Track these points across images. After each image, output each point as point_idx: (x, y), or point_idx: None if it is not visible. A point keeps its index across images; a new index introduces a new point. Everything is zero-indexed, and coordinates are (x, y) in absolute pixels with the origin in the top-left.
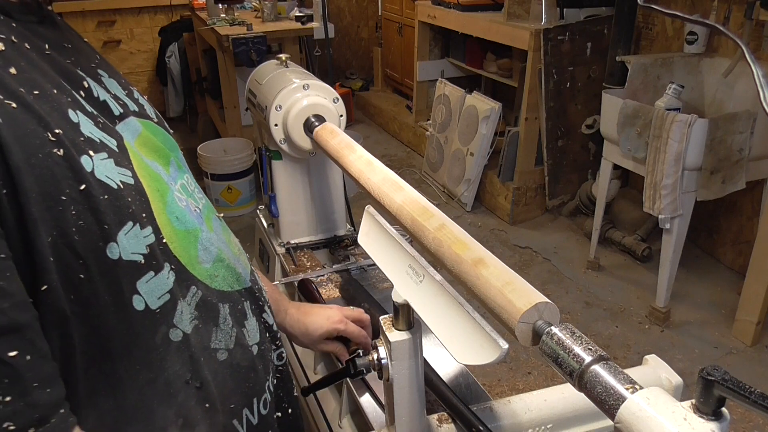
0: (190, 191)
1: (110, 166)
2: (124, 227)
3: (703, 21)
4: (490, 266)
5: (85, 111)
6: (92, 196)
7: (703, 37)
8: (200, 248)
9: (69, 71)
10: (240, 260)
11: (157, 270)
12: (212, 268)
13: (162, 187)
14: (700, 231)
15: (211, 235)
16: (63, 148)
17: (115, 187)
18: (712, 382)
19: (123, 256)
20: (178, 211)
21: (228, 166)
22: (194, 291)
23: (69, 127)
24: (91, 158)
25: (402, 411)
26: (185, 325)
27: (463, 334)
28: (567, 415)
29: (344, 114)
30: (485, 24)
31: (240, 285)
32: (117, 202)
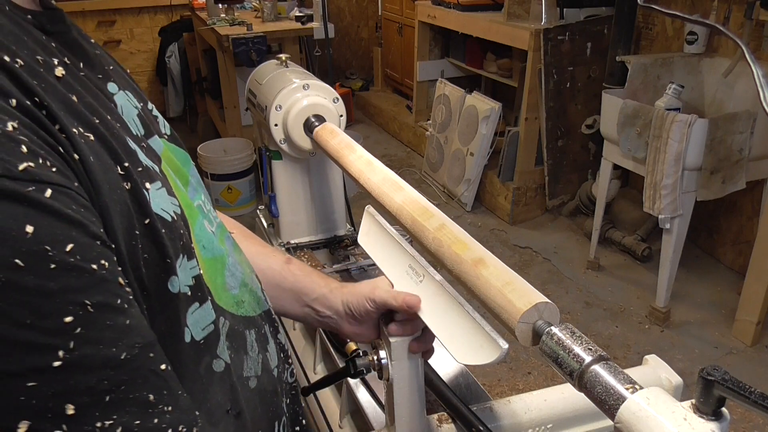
0: (206, 212)
1: (164, 197)
2: (179, 260)
3: (703, 21)
4: (490, 266)
5: (132, 135)
6: (155, 230)
7: (703, 37)
8: (227, 274)
9: (103, 90)
10: (254, 280)
11: (202, 301)
12: (239, 294)
13: (192, 212)
14: (700, 231)
15: (233, 259)
16: (131, 182)
17: (170, 220)
18: (712, 382)
19: (181, 289)
20: (205, 239)
21: (228, 166)
22: (223, 321)
23: (130, 157)
24: (148, 191)
25: (402, 411)
26: (226, 356)
27: (463, 334)
28: (567, 415)
29: (344, 114)
30: (485, 24)
31: (261, 308)
32: (172, 234)
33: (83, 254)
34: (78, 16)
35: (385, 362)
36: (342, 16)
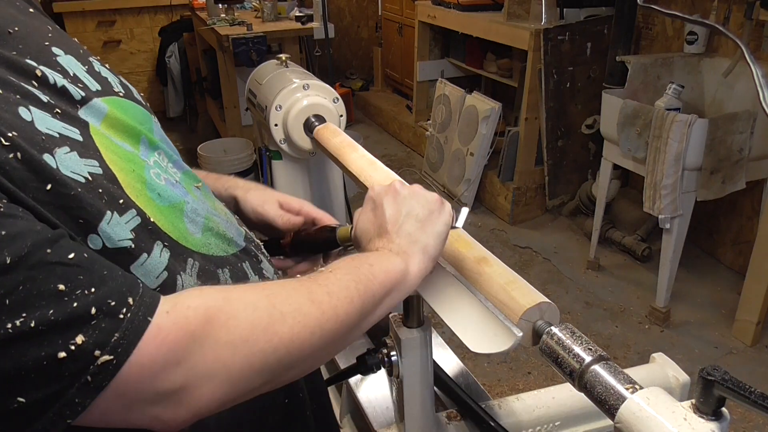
0: (163, 167)
1: (75, 159)
2: (104, 218)
3: (703, 21)
4: (493, 265)
5: (40, 104)
6: (61, 195)
7: (703, 37)
8: (186, 221)
9: (15, 63)
10: (230, 223)
11: (149, 251)
12: (203, 238)
13: (137, 167)
14: (700, 231)
15: (196, 205)
16: (20, 151)
17: (83, 181)
18: (712, 382)
19: (108, 245)
20: (159, 188)
21: (228, 166)
22: (191, 262)
23: (23, 126)
24: (53, 155)
25: (412, 408)
26: None
27: (476, 323)
28: (575, 413)
29: (344, 114)
30: (485, 24)
31: (234, 248)
32: (88, 194)
33: None
34: (78, 16)
35: (395, 360)
36: (342, 16)
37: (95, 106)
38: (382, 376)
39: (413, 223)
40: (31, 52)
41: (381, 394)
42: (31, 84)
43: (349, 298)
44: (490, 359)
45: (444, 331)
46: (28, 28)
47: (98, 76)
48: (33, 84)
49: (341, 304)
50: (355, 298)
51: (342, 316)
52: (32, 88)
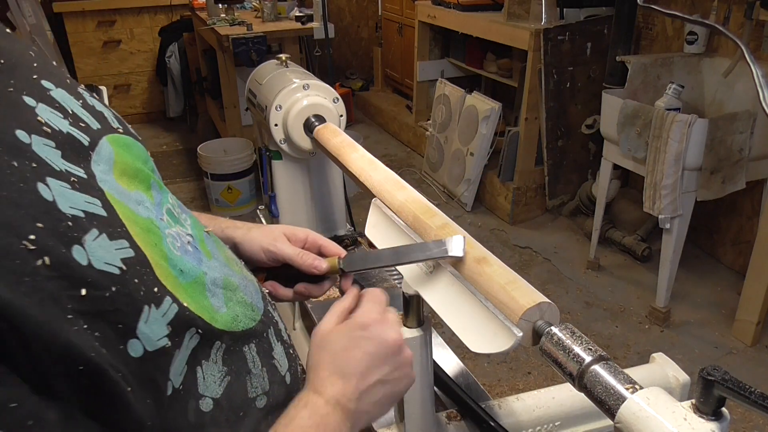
0: (176, 216)
1: (106, 245)
2: (141, 316)
3: (703, 21)
4: (493, 265)
5: (54, 173)
6: (96, 300)
7: (703, 37)
8: (209, 295)
9: (16, 105)
10: (245, 277)
11: (180, 346)
12: (229, 312)
13: (157, 239)
14: (700, 231)
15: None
16: (48, 255)
17: (118, 273)
18: (712, 382)
19: (149, 348)
20: (179, 263)
21: (228, 166)
22: (218, 345)
23: (45, 213)
24: (83, 246)
25: (412, 408)
26: (213, 390)
27: (476, 323)
28: (575, 413)
29: (344, 114)
30: (485, 24)
31: (257, 314)
32: (125, 289)
33: None
34: (78, 16)
35: None
36: (342, 16)
37: (103, 151)
38: None
39: (381, 395)
40: (25, 86)
41: None
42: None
43: None
44: (490, 359)
45: (444, 331)
46: (14, 57)
47: (94, 111)
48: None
49: None
50: None
51: None
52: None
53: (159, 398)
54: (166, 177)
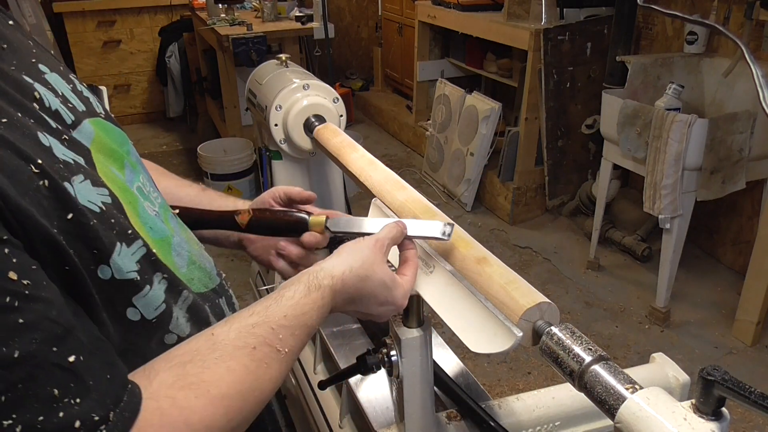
0: (146, 193)
1: (89, 188)
2: (115, 249)
3: (703, 21)
4: (493, 265)
5: (50, 130)
6: (80, 224)
7: (703, 37)
8: (174, 254)
9: (18, 82)
10: (203, 255)
11: (151, 283)
12: (188, 272)
13: (132, 198)
14: (700, 231)
15: (179, 238)
16: (47, 179)
17: (98, 211)
18: (712, 382)
19: (117, 276)
20: (150, 220)
21: (228, 166)
22: (186, 295)
23: (44, 153)
24: (72, 184)
25: (412, 408)
26: (181, 330)
27: (476, 323)
28: (575, 413)
29: (344, 114)
30: (485, 24)
31: (213, 283)
32: (103, 225)
33: None
34: (78, 16)
35: (395, 360)
36: (342, 16)
37: (84, 129)
38: (382, 376)
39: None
40: (25, 68)
41: (381, 394)
42: (34, 106)
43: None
44: (490, 359)
45: (444, 331)
46: (15, 43)
47: (81, 96)
48: (35, 107)
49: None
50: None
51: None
52: (38, 111)
53: (119, 320)
54: None
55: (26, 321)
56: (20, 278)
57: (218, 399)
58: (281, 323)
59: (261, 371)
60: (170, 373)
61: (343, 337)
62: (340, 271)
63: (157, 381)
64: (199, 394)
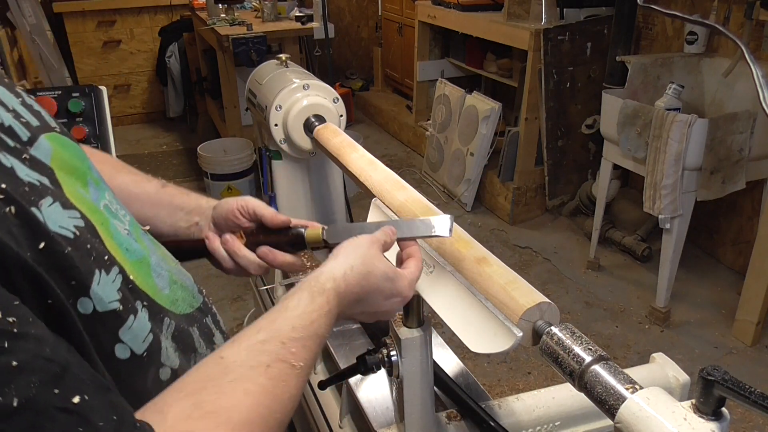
0: (114, 211)
1: (59, 212)
2: (93, 278)
3: (703, 21)
4: (493, 265)
5: (8, 149)
6: (54, 254)
7: (703, 37)
8: (154, 275)
9: None
10: (182, 272)
11: (135, 312)
12: (171, 293)
13: (102, 218)
14: (700, 231)
15: (156, 257)
16: (14, 205)
17: (72, 237)
18: (712, 382)
19: (99, 308)
20: (125, 242)
21: (228, 166)
22: (167, 322)
23: (7, 176)
24: (39, 209)
25: (412, 408)
26: (173, 361)
27: (476, 323)
28: (575, 413)
29: (344, 114)
30: (485, 24)
31: (196, 301)
32: (78, 252)
33: None
34: (78, 16)
35: (395, 360)
36: (342, 16)
37: (42, 145)
38: (382, 376)
39: (367, 310)
40: None
41: (381, 394)
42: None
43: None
44: (490, 359)
45: (444, 331)
46: None
47: (32, 110)
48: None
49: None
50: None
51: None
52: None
53: (109, 360)
54: (166, 177)
55: (20, 363)
56: (4, 315)
57: (240, 425)
58: (291, 336)
59: (279, 390)
60: (185, 404)
61: (343, 337)
62: (341, 272)
63: (172, 414)
64: (220, 422)
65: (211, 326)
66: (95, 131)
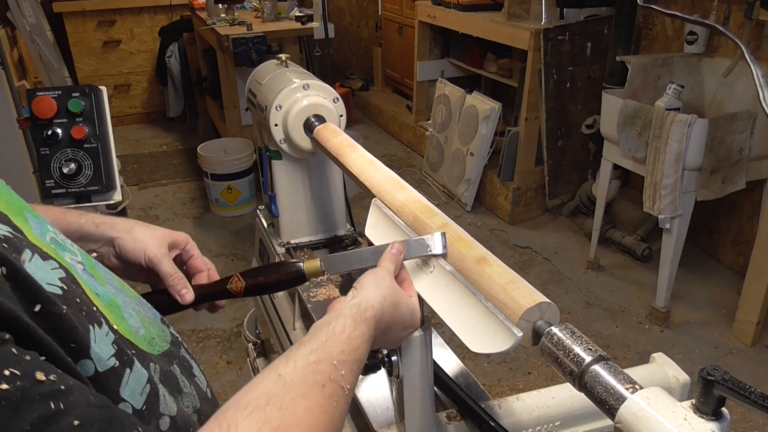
0: (62, 243)
1: (42, 266)
2: (90, 336)
3: (703, 21)
4: (493, 265)
5: None
6: (51, 316)
7: (703, 37)
8: (126, 317)
9: None
10: (142, 302)
11: (131, 364)
12: (147, 333)
13: (65, 261)
14: (700, 231)
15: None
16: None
17: (61, 293)
18: (712, 382)
19: (99, 368)
20: (90, 284)
21: (228, 166)
22: (153, 367)
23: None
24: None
25: (412, 408)
26: (171, 408)
27: (476, 323)
28: (575, 413)
29: (344, 114)
30: (485, 24)
31: (167, 334)
32: (72, 309)
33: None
34: (78, 16)
35: (395, 360)
36: (342, 16)
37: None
38: (382, 376)
39: (388, 339)
40: None
41: (381, 394)
42: None
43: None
44: (490, 359)
45: (444, 331)
46: None
47: None
48: None
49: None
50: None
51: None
52: None
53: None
54: (166, 177)
55: (80, 420)
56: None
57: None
58: (341, 359)
59: (332, 409)
60: (252, 421)
61: None
62: (379, 302)
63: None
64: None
65: (186, 356)
66: (95, 131)
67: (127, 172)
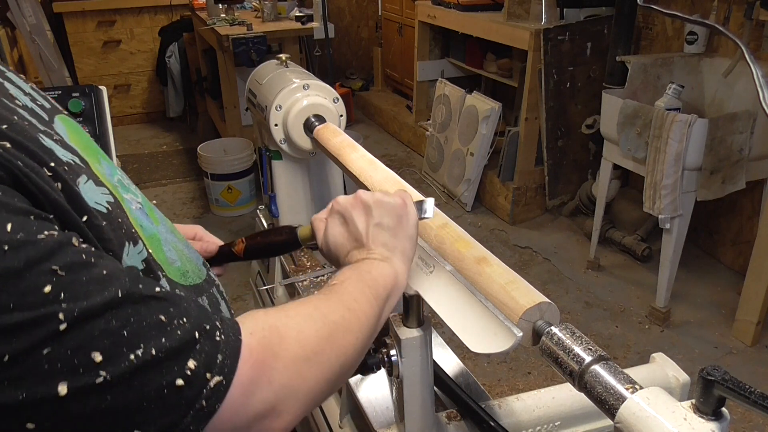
0: (126, 185)
1: (93, 189)
2: (124, 250)
3: (703, 21)
4: (493, 264)
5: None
6: (93, 227)
7: (703, 37)
8: (165, 249)
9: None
10: (188, 245)
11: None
12: (182, 266)
13: (119, 195)
14: (700, 231)
15: (165, 232)
16: (60, 182)
17: (105, 212)
18: (712, 382)
19: None
20: (138, 218)
21: (228, 166)
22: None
23: (49, 155)
24: (77, 186)
25: (412, 408)
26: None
27: (476, 323)
28: (575, 413)
29: (344, 114)
30: (485, 24)
31: (203, 274)
32: (111, 226)
33: (25, 230)
34: (78, 16)
35: (395, 360)
36: (342, 16)
37: (58, 127)
38: (382, 376)
39: (385, 232)
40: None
41: (381, 394)
42: (16, 105)
43: (369, 302)
44: (490, 359)
45: (444, 331)
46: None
47: (39, 93)
48: (16, 106)
49: (367, 308)
50: (373, 302)
51: (371, 318)
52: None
53: None
54: (166, 177)
55: (110, 272)
56: (81, 243)
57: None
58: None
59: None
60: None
61: None
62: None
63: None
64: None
65: (217, 296)
66: (95, 131)
67: (127, 172)
